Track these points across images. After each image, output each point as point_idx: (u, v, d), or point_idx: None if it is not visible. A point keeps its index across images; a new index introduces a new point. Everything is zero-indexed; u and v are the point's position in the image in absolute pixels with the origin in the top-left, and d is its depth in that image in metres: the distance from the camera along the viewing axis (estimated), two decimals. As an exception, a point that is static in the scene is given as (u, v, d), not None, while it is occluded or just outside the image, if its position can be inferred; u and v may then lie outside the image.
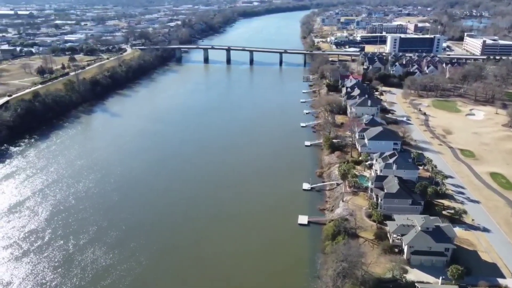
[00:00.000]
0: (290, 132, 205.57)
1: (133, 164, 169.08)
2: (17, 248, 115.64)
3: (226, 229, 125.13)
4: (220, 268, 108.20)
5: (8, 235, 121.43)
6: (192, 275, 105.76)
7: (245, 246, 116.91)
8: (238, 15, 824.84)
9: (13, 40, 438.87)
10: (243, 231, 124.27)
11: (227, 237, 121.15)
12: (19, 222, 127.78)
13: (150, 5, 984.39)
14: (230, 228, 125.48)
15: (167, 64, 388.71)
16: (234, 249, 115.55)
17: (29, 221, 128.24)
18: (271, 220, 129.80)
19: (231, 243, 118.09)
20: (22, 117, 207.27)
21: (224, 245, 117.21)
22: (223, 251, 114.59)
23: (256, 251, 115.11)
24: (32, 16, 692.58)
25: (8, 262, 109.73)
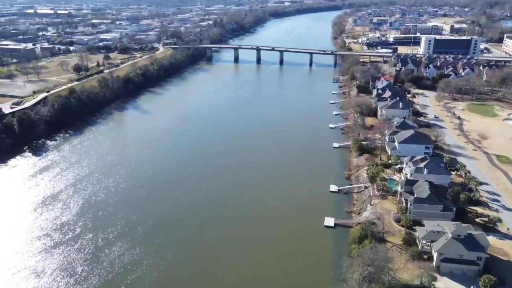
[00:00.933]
0: (319, 133, 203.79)
1: (161, 161, 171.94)
2: (49, 239, 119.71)
3: (251, 228, 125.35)
4: (245, 267, 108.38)
5: (42, 226, 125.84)
6: (216, 273, 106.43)
7: (271, 246, 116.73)
8: (269, 15, 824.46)
9: (53, 38, 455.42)
10: (269, 231, 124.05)
11: (253, 236, 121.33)
12: (52, 214, 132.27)
13: (182, 5, 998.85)
14: (256, 228, 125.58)
15: (198, 63, 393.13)
16: (259, 249, 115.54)
17: (61, 214, 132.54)
18: (297, 221, 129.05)
19: (256, 243, 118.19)
20: (58, 112, 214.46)
21: (249, 245, 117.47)
22: (248, 251, 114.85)
23: (281, 251, 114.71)
24: (71, 15, 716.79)
25: (41, 252, 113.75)
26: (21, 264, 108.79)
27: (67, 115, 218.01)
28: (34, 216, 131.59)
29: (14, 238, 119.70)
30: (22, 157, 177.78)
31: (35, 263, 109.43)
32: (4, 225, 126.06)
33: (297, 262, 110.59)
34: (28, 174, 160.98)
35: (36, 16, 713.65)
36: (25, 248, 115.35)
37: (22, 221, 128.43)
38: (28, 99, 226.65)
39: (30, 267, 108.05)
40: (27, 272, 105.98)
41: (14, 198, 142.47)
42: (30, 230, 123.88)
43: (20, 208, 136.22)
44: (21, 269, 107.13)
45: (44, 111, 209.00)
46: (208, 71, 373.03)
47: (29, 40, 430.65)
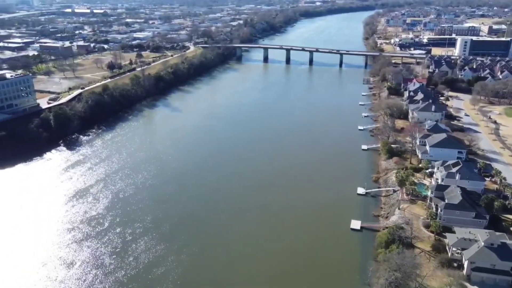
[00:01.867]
0: (347, 135, 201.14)
1: (188, 159, 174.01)
2: (79, 231, 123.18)
3: (276, 229, 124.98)
4: (269, 268, 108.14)
5: (72, 219, 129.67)
6: (239, 273, 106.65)
7: (296, 247, 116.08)
8: (299, 15, 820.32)
9: (88, 36, 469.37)
10: (294, 232, 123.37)
11: (278, 237, 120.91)
12: (83, 208, 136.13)
13: (214, 4, 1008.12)
14: (281, 229, 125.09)
15: (227, 62, 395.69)
16: (284, 250, 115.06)
17: (91, 207, 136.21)
18: (323, 222, 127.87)
19: (281, 244, 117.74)
20: (92, 108, 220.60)
21: (274, 245, 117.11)
22: (272, 251, 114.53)
23: (306, 252, 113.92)
24: (106, 14, 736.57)
25: (71, 244, 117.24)
26: (52, 255, 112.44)
27: (100, 111, 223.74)
28: (66, 208, 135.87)
29: (46, 229, 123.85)
30: (57, 151, 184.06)
31: (66, 254, 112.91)
32: (38, 216, 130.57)
33: (322, 264, 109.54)
34: (62, 168, 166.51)
35: (74, 15, 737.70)
36: (56, 239, 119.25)
37: (54, 213, 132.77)
38: (64, 95, 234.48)
39: (61, 257, 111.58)
40: (58, 263, 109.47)
41: (48, 191, 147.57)
42: (61, 222, 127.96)
43: (53, 200, 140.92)
44: (52, 259, 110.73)
45: (78, 107, 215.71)
46: (237, 71, 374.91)
47: (66, 39, 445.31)
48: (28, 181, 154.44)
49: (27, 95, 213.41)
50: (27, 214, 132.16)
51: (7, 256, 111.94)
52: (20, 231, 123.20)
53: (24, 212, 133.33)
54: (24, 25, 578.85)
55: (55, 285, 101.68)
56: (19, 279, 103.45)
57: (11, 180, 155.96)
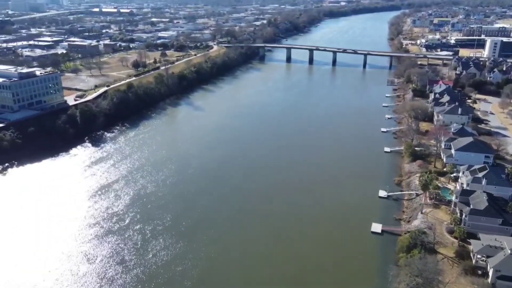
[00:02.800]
0: (370, 137, 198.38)
1: (209, 157, 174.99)
2: (101, 227, 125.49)
3: (296, 230, 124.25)
4: (286, 269, 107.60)
5: (94, 215, 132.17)
6: (257, 274, 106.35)
7: (315, 249, 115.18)
8: (323, 15, 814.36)
9: (115, 35, 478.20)
10: (314, 233, 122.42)
11: (297, 238, 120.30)
12: (105, 204, 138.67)
13: (238, 4, 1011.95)
14: (301, 230, 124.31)
15: (250, 62, 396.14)
16: (303, 252, 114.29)
17: (113, 204, 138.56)
18: (343, 224, 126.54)
19: (300, 245, 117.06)
20: (117, 106, 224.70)
21: (293, 246, 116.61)
22: (291, 253, 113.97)
23: (325, 254, 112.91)
24: (132, 14, 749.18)
25: (93, 239, 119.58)
26: (75, 249, 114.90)
27: (125, 109, 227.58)
28: (88, 204, 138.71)
29: (70, 224, 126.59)
30: (82, 147, 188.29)
31: (87, 249, 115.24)
32: (62, 211, 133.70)
33: (341, 267, 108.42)
34: (86, 164, 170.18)
35: (101, 15, 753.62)
36: (79, 234, 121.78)
37: (77, 208, 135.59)
38: (90, 93, 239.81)
39: (83, 252, 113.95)
40: (80, 257, 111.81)
41: (72, 186, 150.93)
42: (84, 217, 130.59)
43: (77, 195, 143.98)
44: (75, 253, 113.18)
45: (104, 104, 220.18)
46: (260, 70, 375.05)
47: (93, 37, 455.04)
48: (54, 176, 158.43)
49: (55, 92, 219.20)
50: (52, 208, 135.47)
51: (32, 249, 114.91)
52: (44, 225, 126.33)
53: (50, 206, 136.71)
54: (53, 24, 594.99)
55: (77, 279, 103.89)
56: (43, 272, 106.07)
57: (38, 174, 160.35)
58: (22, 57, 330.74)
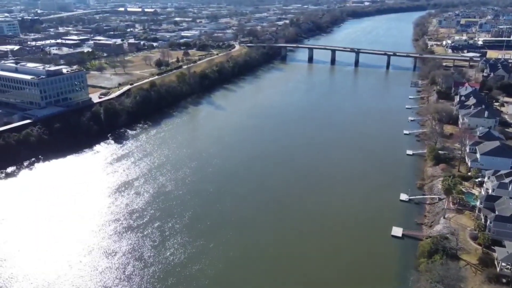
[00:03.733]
0: (391, 139, 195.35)
1: (229, 157, 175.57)
2: (121, 223, 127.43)
3: (314, 232, 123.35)
4: (304, 270, 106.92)
5: (115, 211, 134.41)
6: (275, 276, 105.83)
7: (333, 252, 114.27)
8: (347, 15, 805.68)
9: (139, 34, 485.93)
10: (332, 235, 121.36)
11: (314, 240, 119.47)
12: (125, 200, 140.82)
13: (261, 4, 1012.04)
14: (319, 232, 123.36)
15: (272, 62, 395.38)
16: (321, 254, 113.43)
17: (133, 201, 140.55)
18: (362, 227, 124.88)
19: (318, 247, 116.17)
20: (139, 104, 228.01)
21: (310, 247, 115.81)
22: (309, 255, 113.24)
23: (344, 257, 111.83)
24: (156, 13, 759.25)
25: (113, 235, 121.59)
26: (95, 244, 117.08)
27: (147, 107, 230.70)
28: (109, 200, 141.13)
29: (91, 220, 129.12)
30: (105, 143, 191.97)
31: (108, 245, 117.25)
32: (84, 207, 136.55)
33: (360, 270, 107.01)
34: (108, 161, 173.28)
35: (126, 14, 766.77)
36: (100, 230, 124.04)
37: (99, 204, 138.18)
38: (113, 91, 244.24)
39: (103, 247, 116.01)
40: (100, 252, 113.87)
41: (94, 182, 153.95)
42: (105, 213, 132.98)
43: (99, 192, 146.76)
44: (95, 248, 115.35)
45: (127, 102, 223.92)
46: (281, 70, 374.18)
47: (118, 36, 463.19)
48: (78, 172, 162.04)
49: (80, 90, 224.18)
50: (75, 203, 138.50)
51: (55, 243, 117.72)
52: (67, 220, 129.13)
53: (73, 201, 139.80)
54: (80, 23, 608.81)
55: (97, 274, 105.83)
56: (65, 265, 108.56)
57: (63, 170, 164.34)
58: (50, 55, 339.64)
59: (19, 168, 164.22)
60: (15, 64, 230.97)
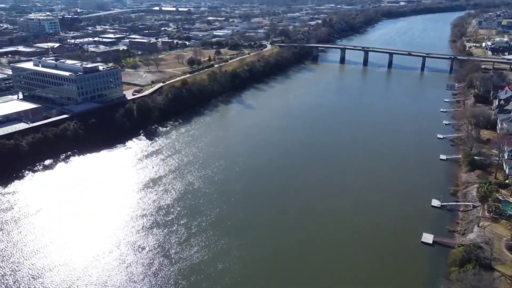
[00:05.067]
0: (425, 143, 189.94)
1: (258, 157, 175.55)
2: (148, 219, 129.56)
3: (340, 235, 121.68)
4: (331, 275, 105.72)
5: (143, 207, 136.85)
6: (299, 279, 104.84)
7: (360, 256, 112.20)
8: (381, 15, 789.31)
9: (172, 33, 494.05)
10: (359, 239, 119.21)
11: (342, 243, 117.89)
12: (153, 196, 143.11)
13: (293, 3, 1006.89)
14: (345, 236, 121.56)
15: (303, 62, 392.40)
16: (347, 258, 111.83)
17: (161, 197, 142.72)
18: (391, 232, 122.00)
19: (345, 252, 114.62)
20: (171, 101, 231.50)
21: (336, 251, 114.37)
22: (335, 256, 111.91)
23: (371, 262, 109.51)
24: (190, 12, 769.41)
25: (140, 230, 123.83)
26: (123, 239, 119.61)
27: (178, 104, 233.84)
28: (139, 196, 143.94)
29: (119, 214, 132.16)
30: (137, 139, 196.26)
31: (135, 240, 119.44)
32: (113, 201, 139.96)
33: (388, 277, 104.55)
34: (139, 157, 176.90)
35: (161, 13, 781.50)
36: (128, 224, 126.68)
37: (128, 199, 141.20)
38: (146, 88, 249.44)
39: (130, 242, 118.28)
40: (128, 247, 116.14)
41: (125, 177, 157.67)
42: (134, 209, 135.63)
43: (129, 187, 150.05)
44: (123, 243, 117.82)
45: (159, 100, 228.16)
46: (312, 71, 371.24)
47: (152, 35, 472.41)
48: (109, 167, 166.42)
49: (115, 87, 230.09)
50: (105, 197, 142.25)
51: (84, 236, 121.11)
52: (97, 213, 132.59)
53: (103, 196, 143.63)
54: (117, 21, 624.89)
55: (124, 267, 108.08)
56: (93, 259, 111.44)
57: (96, 164, 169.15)
58: (87, 52, 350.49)
59: (56, 161, 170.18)
60: (55, 61, 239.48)
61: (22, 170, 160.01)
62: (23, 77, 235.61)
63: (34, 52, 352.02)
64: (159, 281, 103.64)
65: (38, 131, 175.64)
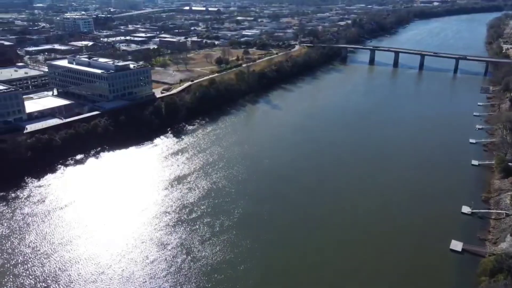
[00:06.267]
0: (456, 148, 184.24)
1: (283, 157, 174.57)
2: (172, 216, 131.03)
3: (366, 240, 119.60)
4: (355, 281, 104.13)
5: (168, 204, 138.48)
6: (320, 283, 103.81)
7: (386, 261, 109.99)
8: (413, 15, 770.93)
9: (201, 33, 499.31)
10: (386, 244, 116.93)
11: (367, 248, 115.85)
12: (178, 194, 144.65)
13: (323, 3, 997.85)
14: (370, 240, 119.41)
15: (331, 62, 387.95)
16: (371, 264, 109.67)
17: (186, 195, 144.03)
18: (419, 238, 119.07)
19: (370, 255, 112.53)
20: (199, 100, 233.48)
21: (362, 256, 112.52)
22: (359, 262, 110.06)
23: (398, 268, 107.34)
24: (219, 12, 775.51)
25: (164, 228, 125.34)
26: (147, 235, 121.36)
27: (206, 103, 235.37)
28: (164, 193, 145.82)
29: (145, 211, 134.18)
30: (165, 137, 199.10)
31: (159, 236, 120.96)
32: (139, 198, 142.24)
33: (415, 284, 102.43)
34: (166, 154, 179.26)
35: (191, 13, 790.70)
36: (152, 221, 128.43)
37: (153, 196, 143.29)
38: (175, 87, 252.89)
39: (154, 238, 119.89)
40: (151, 243, 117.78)
41: (151, 174, 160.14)
42: (159, 205, 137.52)
43: (155, 184, 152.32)
44: (147, 239, 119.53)
45: (187, 98, 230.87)
46: (340, 72, 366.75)
47: (182, 34, 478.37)
48: (137, 164, 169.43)
49: (145, 85, 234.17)
50: (132, 194, 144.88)
51: (110, 232, 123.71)
52: (123, 209, 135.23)
53: (129, 192, 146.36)
54: (148, 21, 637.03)
55: (147, 263, 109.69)
56: (117, 254, 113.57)
57: (124, 161, 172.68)
58: (119, 51, 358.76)
59: (86, 156, 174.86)
60: (88, 59, 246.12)
61: (55, 164, 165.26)
62: (58, 74, 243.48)
63: (69, 50, 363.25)
64: (181, 279, 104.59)
65: (71, 126, 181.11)
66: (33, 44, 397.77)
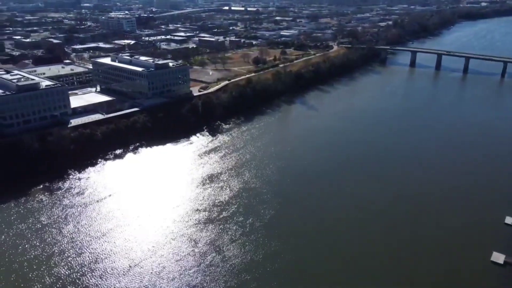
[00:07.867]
0: (500, 154, 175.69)
1: (316, 159, 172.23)
2: (205, 214, 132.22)
3: (402, 247, 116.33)
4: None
5: (200, 202, 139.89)
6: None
7: (423, 268, 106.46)
8: (458, 16, 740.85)
9: (240, 32, 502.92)
10: (423, 251, 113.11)
11: (402, 257, 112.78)
12: (211, 192, 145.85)
13: (363, 4, 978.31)
14: (407, 248, 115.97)
15: (370, 64, 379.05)
16: (408, 271, 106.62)
17: (219, 193, 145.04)
18: (458, 249, 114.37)
19: (406, 263, 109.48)
20: (235, 99, 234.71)
21: (396, 265, 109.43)
22: (395, 272, 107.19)
23: (435, 276, 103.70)
24: (258, 12, 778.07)
25: (195, 225, 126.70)
26: (179, 231, 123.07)
27: (242, 103, 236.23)
28: (197, 191, 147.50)
29: (177, 207, 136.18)
30: (201, 135, 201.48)
31: (190, 233, 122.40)
32: (173, 194, 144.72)
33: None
34: (200, 152, 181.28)
35: (230, 13, 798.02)
36: (184, 218, 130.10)
37: (186, 193, 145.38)
38: (212, 85, 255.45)
39: (185, 235, 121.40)
40: (183, 240, 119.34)
41: (185, 171, 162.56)
42: (192, 203, 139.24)
43: (188, 181, 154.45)
44: (178, 235, 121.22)
45: (223, 97, 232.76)
46: (379, 74, 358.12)
47: (221, 34, 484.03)
48: (172, 160, 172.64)
49: (183, 83, 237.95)
50: (166, 190, 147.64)
51: (142, 227, 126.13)
52: (157, 205, 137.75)
53: (164, 188, 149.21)
54: (188, 20, 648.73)
55: (178, 259, 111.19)
56: (149, 250, 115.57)
57: (161, 157, 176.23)
58: (159, 49, 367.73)
59: (125, 151, 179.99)
60: (130, 57, 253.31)
61: (95, 157, 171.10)
62: (101, 71, 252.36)
63: (112, 48, 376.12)
64: (209, 277, 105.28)
65: (111, 122, 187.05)
66: (79, 42, 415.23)
